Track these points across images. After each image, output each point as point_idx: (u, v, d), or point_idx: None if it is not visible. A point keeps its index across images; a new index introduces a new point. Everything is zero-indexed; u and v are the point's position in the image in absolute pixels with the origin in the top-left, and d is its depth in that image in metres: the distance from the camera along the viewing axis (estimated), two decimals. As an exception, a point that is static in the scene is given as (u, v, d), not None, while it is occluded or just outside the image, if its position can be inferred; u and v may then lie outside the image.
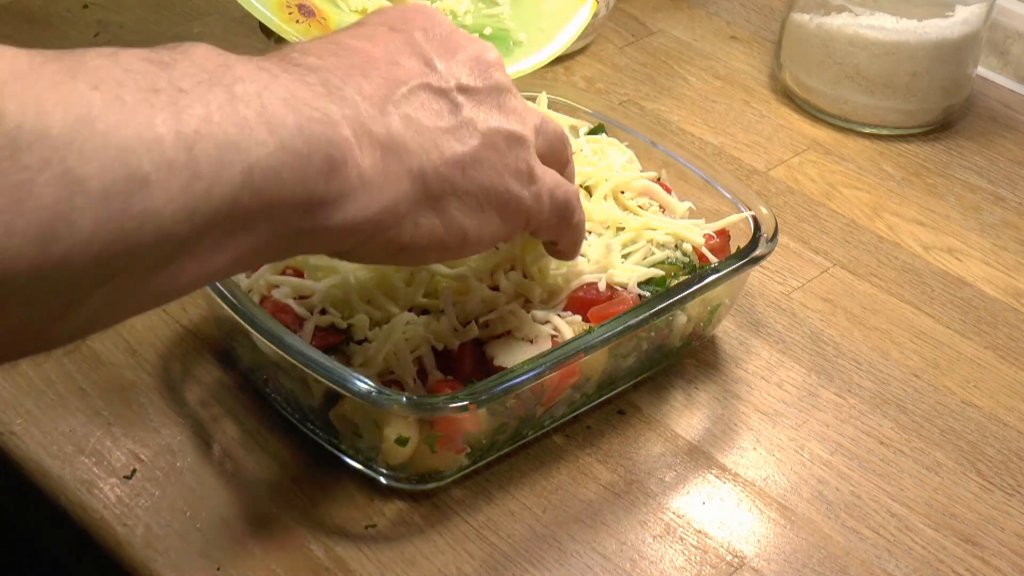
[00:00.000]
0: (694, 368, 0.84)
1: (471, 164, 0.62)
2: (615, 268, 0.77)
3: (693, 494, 0.76)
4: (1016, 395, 0.84)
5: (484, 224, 0.64)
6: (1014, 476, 0.79)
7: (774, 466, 0.78)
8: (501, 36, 0.90)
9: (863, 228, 0.98)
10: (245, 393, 0.79)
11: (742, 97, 1.11)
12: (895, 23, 1.03)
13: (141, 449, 0.75)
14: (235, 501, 0.73)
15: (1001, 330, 0.89)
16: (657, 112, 1.08)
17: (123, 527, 0.71)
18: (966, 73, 1.08)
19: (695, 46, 1.17)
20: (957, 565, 0.73)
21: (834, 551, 0.73)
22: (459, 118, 0.62)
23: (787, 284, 0.92)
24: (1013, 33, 1.15)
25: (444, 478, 0.74)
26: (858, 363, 0.86)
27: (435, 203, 0.62)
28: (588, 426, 0.79)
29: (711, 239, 0.82)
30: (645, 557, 0.72)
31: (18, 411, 0.77)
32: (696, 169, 0.86)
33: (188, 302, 0.85)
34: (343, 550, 0.71)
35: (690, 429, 0.80)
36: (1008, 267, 0.95)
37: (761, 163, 1.04)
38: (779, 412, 0.82)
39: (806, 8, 1.07)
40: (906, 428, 0.81)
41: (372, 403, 0.69)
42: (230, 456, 0.76)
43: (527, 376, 0.71)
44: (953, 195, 1.02)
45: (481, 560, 0.71)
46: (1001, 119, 1.11)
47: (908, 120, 1.07)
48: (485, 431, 0.73)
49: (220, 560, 0.70)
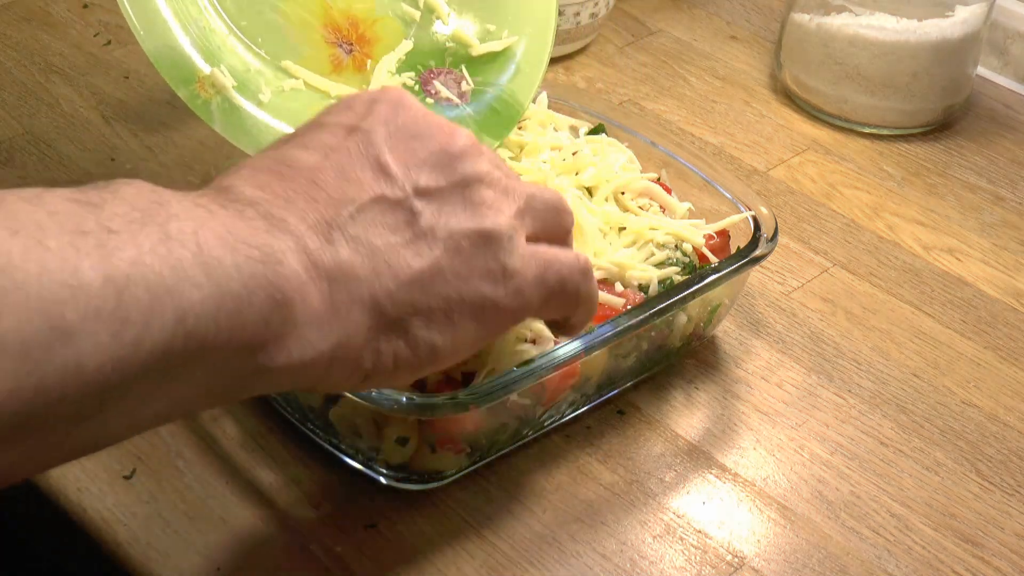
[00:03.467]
0: (694, 368, 0.84)
1: (431, 278, 0.58)
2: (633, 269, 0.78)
3: (693, 494, 0.76)
4: (1016, 395, 0.84)
5: (458, 335, 0.60)
6: (1014, 476, 0.79)
7: (774, 466, 0.78)
8: (494, 55, 0.86)
9: (863, 228, 0.98)
10: (245, 393, 0.79)
11: (742, 97, 1.11)
12: (895, 23, 1.03)
13: (141, 449, 0.75)
14: (235, 501, 0.73)
15: (1001, 330, 0.89)
16: (657, 112, 1.08)
17: (123, 527, 0.71)
18: (966, 73, 1.08)
19: (695, 46, 1.17)
20: (957, 565, 0.73)
21: (834, 551, 0.73)
22: (416, 229, 0.58)
23: (787, 284, 0.92)
24: (1013, 33, 1.15)
25: (444, 478, 0.74)
26: (858, 363, 0.86)
27: (395, 327, 0.57)
28: (588, 426, 0.79)
29: (711, 239, 0.82)
30: (645, 557, 0.72)
31: (18, 411, 0.77)
32: (696, 169, 0.86)
33: (188, 302, 0.85)
34: (343, 550, 0.71)
35: (690, 429, 0.80)
36: (1008, 267, 0.95)
37: (761, 163, 1.04)
38: (779, 412, 0.82)
39: (806, 8, 1.07)
40: (906, 428, 0.81)
41: (372, 403, 0.69)
42: (230, 456, 0.76)
43: (527, 376, 0.71)
44: (953, 195, 1.02)
45: (481, 560, 0.71)
46: (1001, 119, 1.11)
47: (908, 120, 1.07)
48: (485, 431, 0.73)
49: (220, 560, 0.70)
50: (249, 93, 0.79)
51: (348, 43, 0.83)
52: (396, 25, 0.85)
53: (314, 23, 0.83)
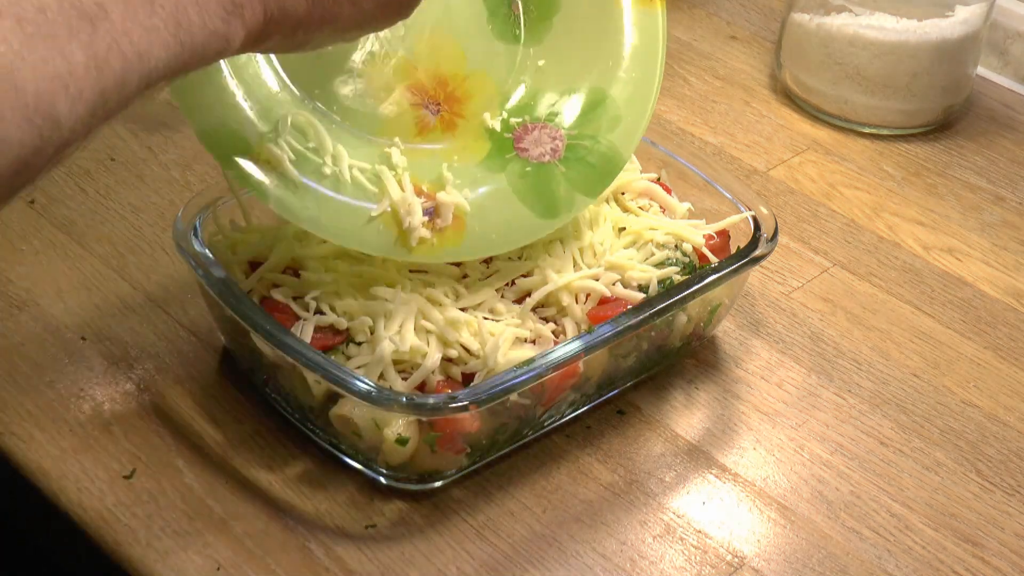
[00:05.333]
0: (694, 368, 0.84)
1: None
2: (632, 269, 0.78)
3: (693, 494, 0.76)
4: (1016, 395, 0.84)
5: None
6: (1014, 476, 0.79)
7: (774, 466, 0.78)
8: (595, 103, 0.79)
9: (863, 228, 0.98)
10: (245, 393, 0.79)
11: (742, 97, 1.11)
12: (895, 23, 1.03)
13: (141, 449, 0.75)
14: (235, 501, 0.73)
15: (1001, 330, 0.89)
16: (657, 112, 1.08)
17: (123, 527, 0.71)
18: (966, 73, 1.08)
19: (695, 46, 1.17)
20: (957, 565, 0.73)
21: (834, 551, 0.73)
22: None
23: (787, 284, 0.92)
24: (1013, 33, 1.15)
25: (444, 478, 0.74)
26: (858, 363, 0.86)
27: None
28: (588, 426, 0.79)
29: (711, 239, 0.82)
30: (645, 557, 0.72)
31: (18, 411, 0.77)
32: (696, 169, 0.86)
33: (188, 302, 0.85)
34: (343, 550, 0.71)
35: (690, 429, 0.80)
36: (1008, 267, 0.95)
37: (761, 163, 1.04)
38: (779, 412, 0.82)
39: (806, 8, 1.07)
40: (906, 428, 0.81)
41: (372, 403, 0.69)
42: (230, 456, 0.76)
43: (527, 376, 0.71)
44: (953, 195, 1.02)
45: (481, 560, 0.71)
46: (1001, 119, 1.11)
47: (908, 120, 1.07)
48: (485, 431, 0.73)
49: (220, 560, 0.70)
50: (309, 168, 0.73)
51: (435, 103, 0.78)
52: (488, 79, 0.79)
53: (397, 86, 0.77)
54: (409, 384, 0.71)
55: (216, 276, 0.74)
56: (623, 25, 0.79)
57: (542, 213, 0.76)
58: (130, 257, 0.89)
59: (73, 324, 0.83)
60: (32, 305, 0.84)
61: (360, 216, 0.73)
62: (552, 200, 0.77)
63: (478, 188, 0.76)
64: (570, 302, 0.76)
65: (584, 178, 0.77)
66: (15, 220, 0.91)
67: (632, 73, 0.79)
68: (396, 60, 0.77)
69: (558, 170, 0.77)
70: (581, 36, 0.79)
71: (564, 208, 0.77)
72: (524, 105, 0.79)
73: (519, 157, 0.78)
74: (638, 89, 0.79)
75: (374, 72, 0.77)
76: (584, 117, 0.79)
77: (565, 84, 0.79)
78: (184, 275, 0.86)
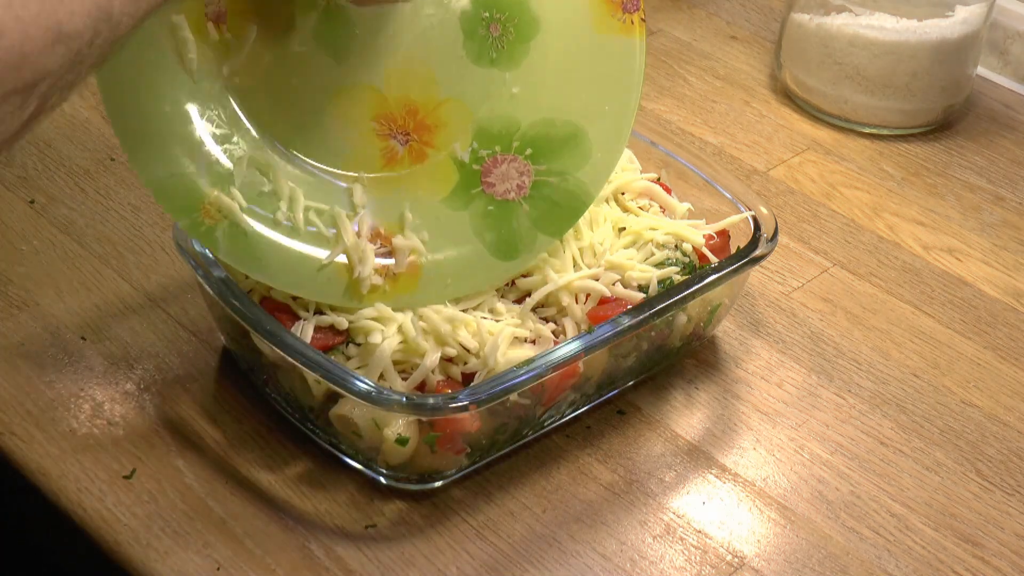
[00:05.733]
0: (694, 368, 0.84)
1: None
2: (632, 270, 0.78)
3: (693, 494, 0.76)
4: (1016, 395, 0.84)
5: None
6: (1014, 476, 0.79)
7: (774, 466, 0.78)
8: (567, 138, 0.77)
9: (863, 228, 0.98)
10: (245, 393, 0.79)
11: (742, 97, 1.11)
12: (895, 23, 1.03)
13: (141, 449, 0.75)
14: (235, 501, 0.73)
15: (1001, 330, 0.89)
16: (657, 112, 1.08)
17: (123, 527, 0.71)
18: (966, 73, 1.08)
19: (695, 46, 1.17)
20: (957, 565, 0.73)
21: (834, 551, 0.73)
22: None
23: (787, 284, 0.92)
24: (1013, 33, 1.15)
25: (444, 478, 0.74)
26: (858, 363, 0.86)
27: None
28: (588, 426, 0.79)
29: (711, 239, 0.82)
30: (645, 557, 0.72)
31: (18, 411, 0.77)
32: (696, 169, 0.86)
33: (188, 302, 0.85)
34: (343, 550, 0.71)
35: (690, 429, 0.80)
36: (1008, 267, 0.95)
37: (761, 163, 1.04)
38: (779, 412, 0.82)
39: (806, 8, 1.07)
40: (906, 428, 0.81)
41: (372, 403, 0.69)
42: (230, 456, 0.76)
43: (527, 376, 0.71)
44: (953, 195, 1.02)
45: (481, 560, 0.71)
46: (1001, 119, 1.11)
47: (908, 120, 1.07)
48: (485, 431, 0.73)
49: (220, 560, 0.70)
50: (261, 215, 0.73)
51: (404, 133, 0.76)
52: (461, 107, 0.77)
53: (363, 117, 0.76)
54: (409, 384, 0.72)
55: (216, 276, 0.74)
56: (600, 55, 0.77)
57: (502, 255, 0.76)
58: (130, 257, 0.89)
59: (73, 324, 0.83)
60: (32, 305, 0.84)
61: (311, 264, 0.74)
62: (512, 241, 0.76)
63: (439, 228, 0.76)
64: (570, 302, 0.76)
65: (548, 218, 0.77)
66: (15, 220, 0.91)
67: (606, 106, 0.78)
68: (364, 91, 0.76)
69: (522, 208, 0.77)
70: (558, 64, 0.77)
71: (525, 248, 0.76)
72: (496, 135, 0.78)
73: (484, 193, 0.77)
74: (613, 124, 0.78)
75: (341, 104, 0.76)
76: (555, 152, 0.77)
77: (539, 114, 0.78)
78: (184, 275, 0.86)
